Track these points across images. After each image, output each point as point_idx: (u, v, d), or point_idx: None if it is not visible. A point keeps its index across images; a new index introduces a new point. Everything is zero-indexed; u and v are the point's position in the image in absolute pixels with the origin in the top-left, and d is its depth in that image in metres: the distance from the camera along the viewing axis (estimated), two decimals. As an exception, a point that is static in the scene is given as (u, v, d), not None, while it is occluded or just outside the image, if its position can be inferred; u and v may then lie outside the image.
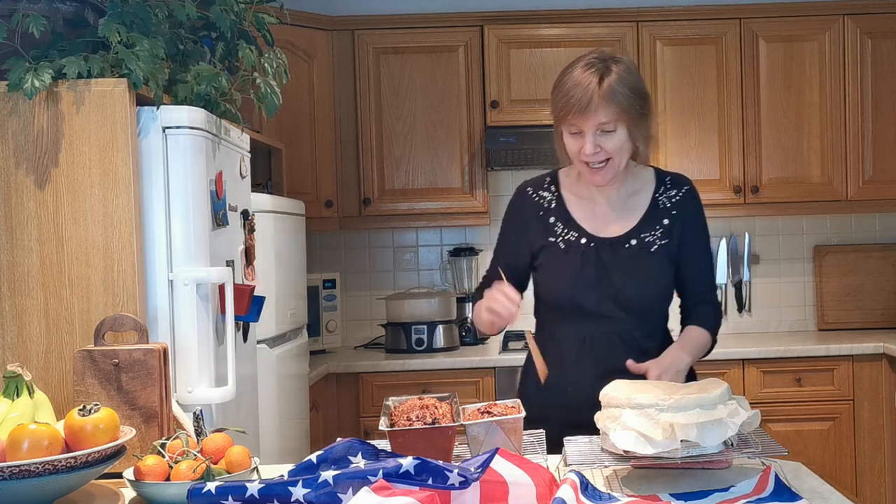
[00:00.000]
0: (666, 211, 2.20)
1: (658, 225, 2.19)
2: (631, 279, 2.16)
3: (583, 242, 2.18)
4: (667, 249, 2.18)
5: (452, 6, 4.33)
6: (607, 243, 2.18)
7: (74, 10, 2.11)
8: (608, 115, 2.04)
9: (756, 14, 4.15)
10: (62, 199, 2.00)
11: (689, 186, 2.26)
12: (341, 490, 1.35)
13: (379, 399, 3.67)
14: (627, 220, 2.20)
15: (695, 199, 2.25)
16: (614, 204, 2.21)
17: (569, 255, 2.18)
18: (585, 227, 2.20)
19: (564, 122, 2.09)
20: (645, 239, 2.18)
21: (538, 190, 2.28)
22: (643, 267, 2.17)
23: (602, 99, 2.03)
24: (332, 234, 4.45)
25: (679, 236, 2.19)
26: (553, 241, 2.21)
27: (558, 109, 2.09)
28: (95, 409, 1.54)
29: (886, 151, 4.15)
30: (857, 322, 4.41)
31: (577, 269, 2.17)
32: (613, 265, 2.16)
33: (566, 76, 2.10)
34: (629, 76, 2.08)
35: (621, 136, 2.08)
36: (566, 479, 1.51)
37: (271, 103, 2.33)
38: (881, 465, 3.91)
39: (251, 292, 2.36)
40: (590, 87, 2.03)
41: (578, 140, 2.09)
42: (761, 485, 1.59)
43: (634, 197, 2.22)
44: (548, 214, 2.23)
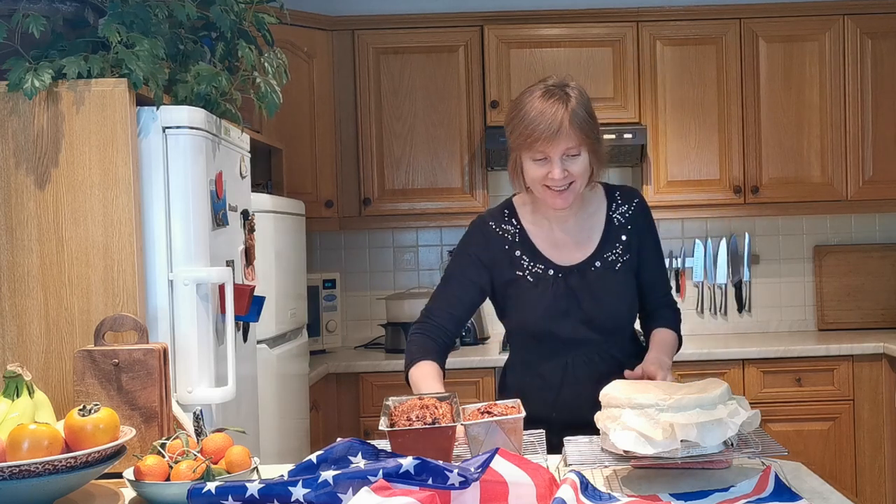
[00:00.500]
0: (622, 227, 2.25)
1: (617, 242, 2.24)
2: (601, 302, 2.20)
3: (550, 274, 2.22)
4: (629, 265, 2.24)
5: (452, 6, 4.33)
6: (574, 270, 2.22)
7: (74, 10, 2.11)
8: (574, 139, 2.08)
9: (756, 14, 4.15)
10: (62, 199, 2.00)
11: (639, 198, 2.30)
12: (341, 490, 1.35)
13: (379, 399, 3.67)
14: (588, 243, 2.24)
15: (645, 209, 2.30)
16: (573, 229, 2.25)
17: (538, 288, 2.21)
18: (550, 257, 2.23)
19: (531, 150, 2.10)
20: (608, 259, 2.23)
21: (500, 223, 2.28)
22: (611, 288, 2.22)
23: (569, 125, 2.07)
24: (332, 234, 4.45)
25: (637, 249, 2.25)
26: (521, 274, 2.23)
27: (523, 137, 2.10)
28: (95, 409, 1.54)
29: (886, 151, 4.15)
30: (857, 322, 4.41)
31: (549, 300, 2.20)
32: (583, 291, 2.20)
33: (525, 106, 2.11)
34: (584, 101, 2.13)
35: (585, 160, 2.12)
36: (566, 479, 1.51)
37: (271, 103, 2.33)
38: (881, 465, 3.91)
39: (251, 292, 2.36)
40: (557, 113, 2.07)
41: (543, 166, 2.11)
42: (761, 485, 1.59)
43: (591, 219, 2.26)
44: (513, 248, 2.25)
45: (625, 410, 1.67)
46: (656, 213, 4.13)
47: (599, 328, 2.21)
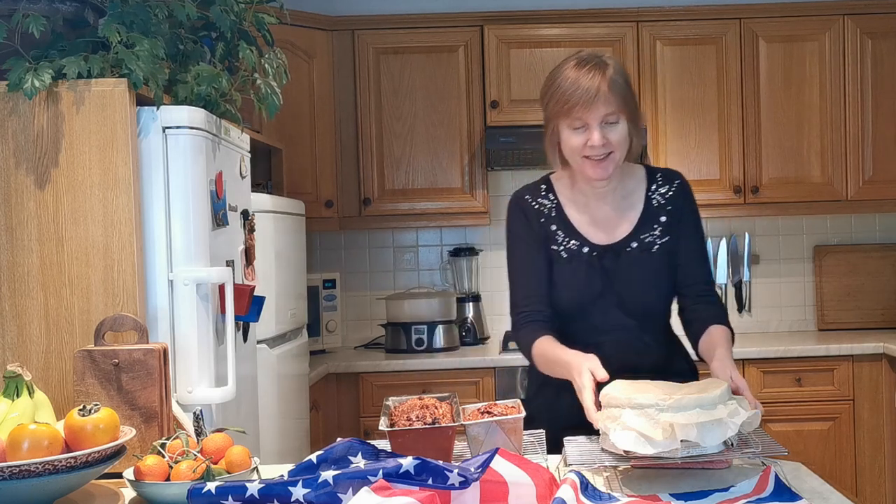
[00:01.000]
0: (661, 208, 2.18)
1: (656, 224, 2.17)
2: (636, 285, 2.14)
3: (585, 251, 2.16)
4: (667, 249, 2.16)
5: (452, 6, 4.33)
6: (609, 250, 2.15)
7: (74, 10, 2.11)
8: (613, 105, 2.04)
9: (756, 14, 4.15)
10: (62, 199, 2.00)
11: (681, 180, 2.23)
12: (341, 490, 1.35)
13: (379, 399, 3.67)
14: (625, 222, 2.18)
15: (687, 193, 2.23)
16: (610, 208, 2.19)
17: (572, 264, 2.15)
18: (586, 234, 2.17)
19: (568, 117, 2.05)
20: (645, 240, 2.16)
21: (536, 198, 2.23)
22: (647, 270, 2.14)
23: (608, 89, 2.03)
24: (332, 234, 4.45)
25: (676, 232, 2.18)
26: (556, 249, 2.17)
27: (560, 104, 2.06)
28: (95, 409, 1.54)
29: (886, 151, 4.15)
30: (857, 322, 4.41)
31: (582, 279, 2.14)
32: (617, 272, 2.13)
33: (560, 76, 2.08)
34: (623, 71, 2.10)
35: (623, 129, 2.07)
36: (566, 479, 1.51)
37: (271, 104, 2.33)
38: (881, 465, 3.91)
39: (251, 292, 2.36)
40: (594, 79, 2.03)
41: (582, 134, 2.06)
42: (761, 485, 1.59)
43: (629, 198, 2.20)
44: (549, 222, 2.19)
45: (625, 410, 1.67)
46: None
47: (632, 312, 2.14)
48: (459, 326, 4.25)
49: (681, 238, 2.18)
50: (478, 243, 4.49)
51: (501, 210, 4.47)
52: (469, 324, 4.30)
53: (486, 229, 4.49)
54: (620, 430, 1.64)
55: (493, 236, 4.49)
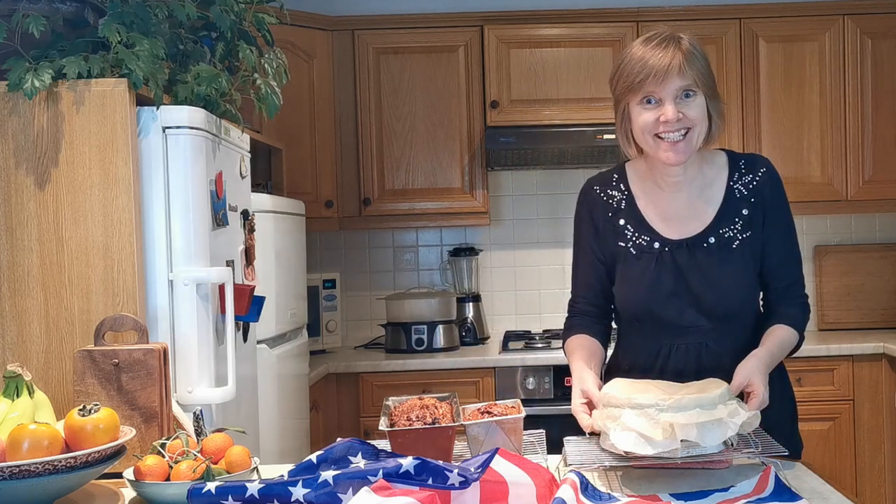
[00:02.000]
0: (744, 200, 1.99)
1: (737, 217, 1.98)
2: (713, 283, 1.95)
3: (656, 247, 1.99)
4: (750, 244, 1.97)
5: (452, 6, 4.33)
6: (683, 245, 1.98)
7: (74, 10, 2.11)
8: (690, 76, 1.87)
9: (756, 14, 4.15)
10: (62, 199, 2.00)
11: (767, 167, 2.03)
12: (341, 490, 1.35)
13: (379, 399, 3.67)
14: (703, 215, 1.99)
15: (774, 181, 2.02)
16: (687, 199, 2.01)
17: (641, 261, 1.99)
18: (658, 228, 2.00)
19: (639, 91, 1.89)
20: (725, 235, 1.97)
21: (605, 188, 2.07)
22: (725, 267, 1.96)
23: (683, 60, 1.86)
24: (332, 234, 4.45)
25: (761, 225, 1.98)
26: (624, 246, 2.01)
27: (630, 79, 1.89)
28: (95, 409, 1.54)
29: (886, 151, 4.15)
30: (857, 322, 4.41)
31: (653, 277, 1.97)
32: (692, 269, 1.96)
33: (628, 55, 1.93)
34: (700, 49, 1.93)
35: (701, 104, 1.90)
36: (566, 479, 1.51)
37: (271, 103, 2.33)
38: (881, 465, 3.91)
39: (251, 292, 2.36)
40: (667, 49, 1.87)
41: (655, 110, 1.89)
42: (761, 485, 1.59)
43: (709, 189, 2.01)
44: (617, 216, 2.03)
45: (625, 410, 1.67)
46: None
47: (709, 313, 1.94)
48: (459, 326, 4.25)
49: (768, 233, 1.99)
50: (478, 243, 4.49)
51: (501, 210, 4.50)
52: (469, 324, 4.30)
53: (486, 229, 4.49)
54: (620, 430, 1.64)
55: (494, 236, 4.50)
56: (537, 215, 4.47)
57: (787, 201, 2.05)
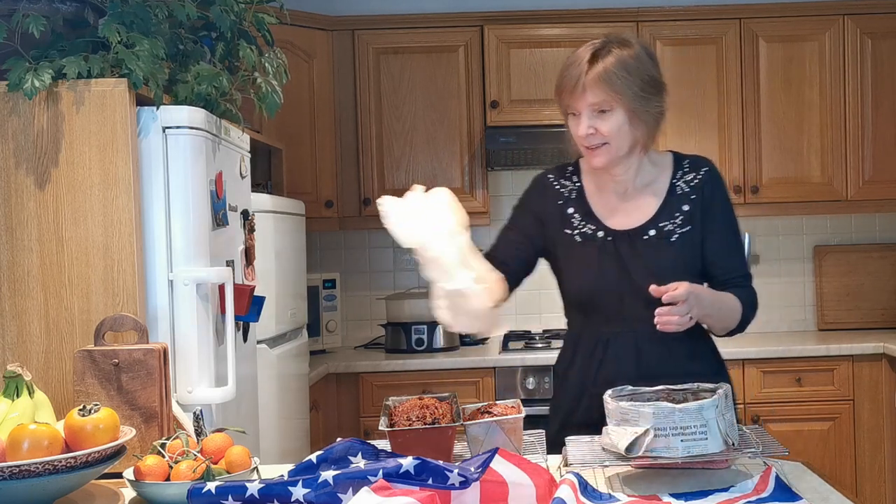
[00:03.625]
0: (685, 196, 2.09)
1: (677, 212, 2.07)
2: (652, 273, 2.01)
3: (600, 236, 2.08)
4: (689, 238, 2.06)
5: (452, 6, 4.33)
6: (625, 235, 2.07)
7: (74, 10, 2.11)
8: (599, 95, 1.97)
9: (756, 14, 4.15)
10: (62, 199, 2.00)
11: (709, 167, 2.14)
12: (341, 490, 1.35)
13: (379, 399, 3.67)
14: (645, 209, 2.09)
15: (715, 179, 2.12)
16: (631, 194, 2.11)
17: (585, 248, 2.08)
18: (603, 219, 2.09)
19: (559, 103, 2.04)
20: (664, 228, 2.06)
21: (560, 178, 2.18)
22: (664, 259, 2.04)
23: (592, 79, 1.96)
24: (332, 234, 4.45)
25: (701, 221, 2.07)
26: (569, 233, 2.10)
27: (556, 89, 2.04)
28: (95, 409, 1.54)
29: (886, 151, 4.15)
30: (857, 322, 4.41)
31: (596, 264, 2.06)
32: (632, 259, 2.04)
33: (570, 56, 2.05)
34: (632, 60, 2.00)
35: (618, 119, 1.99)
36: (565, 479, 1.51)
37: (272, 103, 2.33)
38: (881, 465, 3.91)
39: (251, 292, 2.36)
40: (580, 66, 1.98)
41: (574, 122, 2.03)
42: (761, 485, 1.59)
43: (652, 185, 2.11)
44: (567, 205, 2.13)
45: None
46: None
47: (647, 300, 1.96)
48: (459, 326, 4.24)
49: (709, 229, 2.08)
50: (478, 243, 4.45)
51: (502, 210, 4.48)
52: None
53: (485, 229, 4.47)
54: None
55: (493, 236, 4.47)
56: (537, 215, 4.46)
57: (728, 199, 2.14)
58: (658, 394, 1.78)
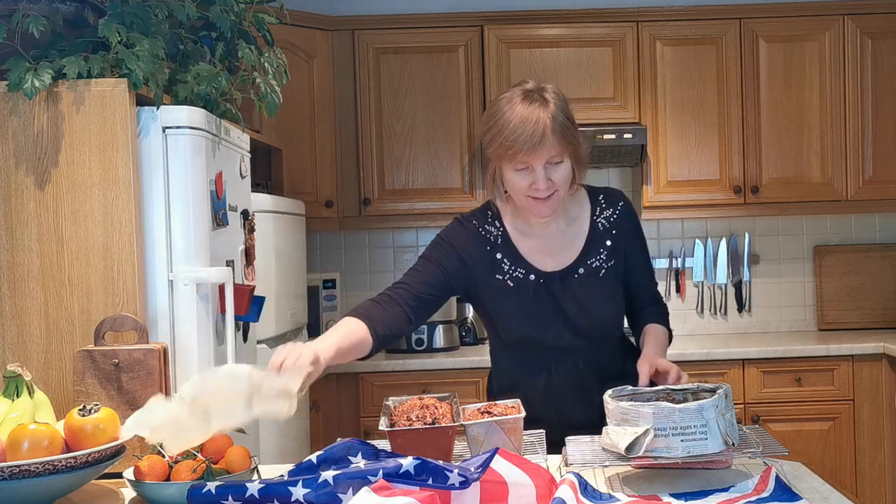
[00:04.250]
0: (606, 232, 2.18)
1: (601, 248, 2.17)
2: (586, 309, 2.13)
3: (532, 279, 2.14)
4: (614, 271, 2.17)
5: (452, 6, 4.33)
6: (556, 277, 2.14)
7: (74, 10, 2.11)
8: (556, 148, 2.01)
9: (756, 14, 4.15)
10: (62, 199, 2.00)
11: (623, 201, 2.23)
12: (341, 490, 1.35)
13: (379, 399, 3.67)
14: (571, 249, 2.17)
15: (630, 213, 2.22)
16: (556, 235, 2.18)
17: (519, 293, 2.14)
18: (532, 262, 2.15)
19: (512, 161, 2.02)
20: (592, 265, 2.15)
21: (483, 223, 2.19)
22: (595, 294, 2.14)
23: (551, 133, 1.99)
24: (332, 234, 4.45)
25: (623, 253, 2.18)
26: (500, 278, 2.15)
27: (504, 149, 2.01)
28: (95, 409, 1.54)
29: (886, 151, 4.15)
30: (857, 322, 4.41)
31: (531, 306, 2.13)
32: (566, 298, 2.13)
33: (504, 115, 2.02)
34: (563, 105, 2.05)
35: (567, 167, 2.06)
36: (564, 479, 1.51)
37: (272, 103, 2.33)
38: (881, 465, 3.91)
39: (251, 292, 2.36)
40: (539, 123, 1.98)
41: (526, 177, 2.04)
42: (761, 485, 1.59)
43: (574, 223, 2.19)
44: (494, 250, 2.16)
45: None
46: (656, 213, 4.19)
47: (585, 335, 2.14)
48: (459, 326, 4.25)
49: (630, 261, 2.20)
50: (478, 243, 4.48)
51: (501, 210, 4.49)
52: (469, 324, 4.30)
53: (486, 229, 4.49)
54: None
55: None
56: (537, 215, 4.46)
57: (640, 228, 2.26)
58: (658, 394, 1.78)
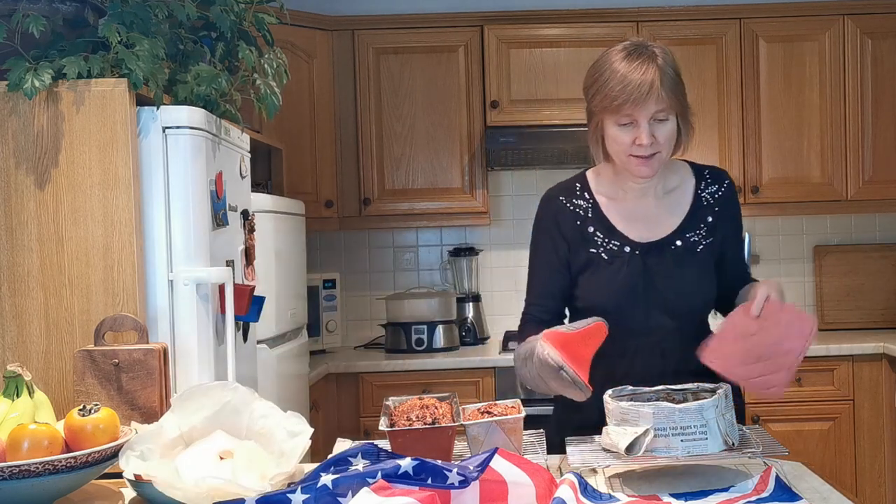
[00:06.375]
0: (709, 208, 2.10)
1: (702, 223, 2.09)
2: (677, 284, 2.04)
3: (627, 251, 2.05)
4: (711, 249, 2.08)
5: (452, 6, 4.33)
6: (652, 247, 2.06)
7: (74, 10, 2.11)
8: (664, 101, 1.94)
9: (756, 14, 4.15)
10: (62, 199, 2.00)
11: (729, 180, 2.16)
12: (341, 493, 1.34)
13: (379, 399, 3.67)
14: (670, 219, 2.09)
15: (734, 194, 2.15)
16: (652, 204, 2.09)
17: (613, 265, 2.05)
18: (626, 232, 2.07)
19: (617, 113, 1.95)
20: (690, 239, 2.07)
21: (571, 198, 2.12)
22: (690, 270, 2.06)
23: (660, 85, 1.92)
24: (332, 234, 4.45)
25: (721, 234, 2.10)
26: (595, 252, 2.07)
27: (609, 100, 1.94)
28: (95, 409, 1.54)
29: (886, 151, 4.15)
30: (857, 322, 4.41)
31: (623, 280, 2.04)
32: (659, 271, 2.04)
33: (610, 66, 1.96)
34: (672, 61, 1.99)
35: (672, 126, 1.98)
36: (564, 479, 1.51)
37: (271, 104, 2.33)
38: (881, 465, 3.91)
39: (251, 292, 2.36)
40: (647, 73, 1.92)
41: (629, 132, 1.96)
42: (761, 485, 1.59)
43: (673, 194, 2.11)
44: (585, 223, 2.09)
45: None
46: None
47: (674, 313, 2.03)
48: (459, 326, 4.25)
49: (728, 242, 2.12)
50: (478, 243, 4.49)
51: (501, 210, 4.49)
52: (469, 324, 4.30)
53: (485, 229, 4.49)
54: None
55: (493, 236, 4.50)
56: (537, 215, 4.46)
57: (741, 213, 2.19)
58: (658, 393, 1.78)
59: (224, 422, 1.61)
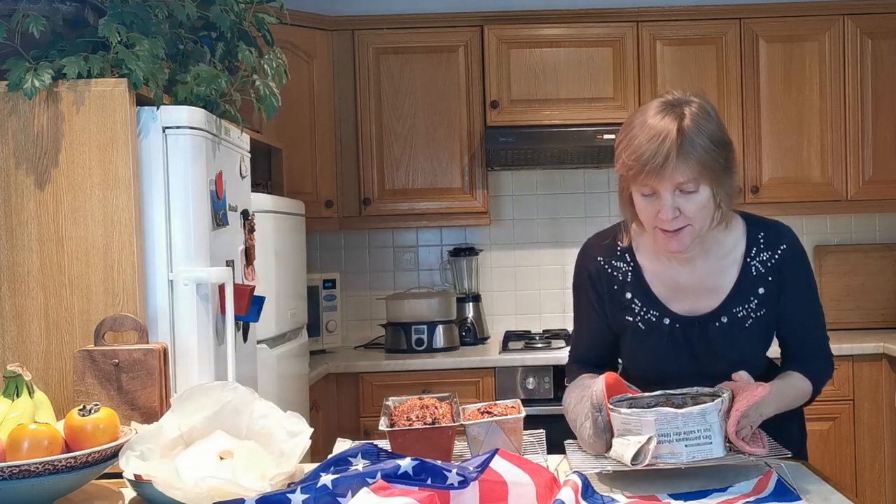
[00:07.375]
0: (761, 278, 1.90)
1: (752, 296, 1.90)
2: (723, 359, 1.89)
3: (666, 323, 1.91)
4: (764, 320, 1.91)
5: (452, 6, 4.33)
6: (695, 323, 1.90)
7: (74, 10, 2.11)
8: (687, 173, 1.72)
9: (756, 14, 4.15)
10: (62, 199, 2.00)
11: (787, 243, 1.92)
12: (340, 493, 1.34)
13: (379, 399, 3.67)
14: (716, 292, 1.90)
15: (795, 256, 1.92)
16: (699, 273, 1.90)
17: (651, 337, 1.92)
18: (668, 303, 1.91)
19: (635, 183, 1.77)
20: (738, 314, 1.90)
21: (610, 259, 1.96)
22: (736, 345, 1.90)
23: (677, 155, 1.70)
24: (332, 234, 4.45)
25: (777, 301, 1.91)
26: (631, 320, 1.93)
27: (627, 168, 1.76)
28: (95, 409, 1.54)
29: (886, 151, 4.15)
30: (857, 322, 4.41)
31: (664, 352, 1.92)
32: (702, 347, 1.90)
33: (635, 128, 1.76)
34: (707, 123, 1.75)
35: (703, 197, 1.76)
36: (568, 480, 1.51)
37: (270, 105, 2.33)
38: (881, 465, 3.91)
39: (251, 292, 2.35)
40: (666, 139, 1.70)
41: (653, 203, 1.77)
42: (761, 485, 1.59)
43: (722, 262, 1.91)
44: (624, 289, 1.94)
45: None
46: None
47: (716, 378, 1.82)
48: (459, 326, 4.25)
49: (787, 310, 1.93)
50: (478, 243, 4.49)
51: (501, 210, 4.50)
52: (469, 324, 4.30)
53: (485, 229, 4.49)
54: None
55: (493, 236, 4.50)
56: (537, 215, 4.47)
57: (808, 270, 1.97)
58: (657, 398, 1.77)
59: (224, 422, 1.61)
